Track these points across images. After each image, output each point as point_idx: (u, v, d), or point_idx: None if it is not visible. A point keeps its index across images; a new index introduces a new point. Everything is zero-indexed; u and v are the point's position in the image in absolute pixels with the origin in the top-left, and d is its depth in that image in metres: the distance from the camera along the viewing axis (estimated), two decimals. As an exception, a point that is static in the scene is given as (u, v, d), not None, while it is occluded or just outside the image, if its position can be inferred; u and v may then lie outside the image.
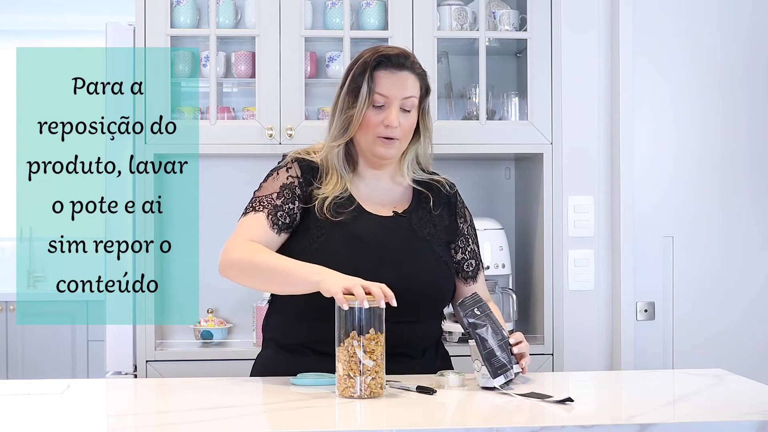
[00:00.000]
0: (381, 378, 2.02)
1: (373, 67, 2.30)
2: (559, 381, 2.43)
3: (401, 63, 2.32)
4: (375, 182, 2.39)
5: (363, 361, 1.99)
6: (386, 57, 2.31)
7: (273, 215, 2.28)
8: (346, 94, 2.33)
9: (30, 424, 1.89)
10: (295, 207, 2.30)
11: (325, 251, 2.25)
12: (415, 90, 2.32)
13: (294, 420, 1.91)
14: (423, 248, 2.33)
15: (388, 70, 2.30)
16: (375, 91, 2.29)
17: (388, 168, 2.39)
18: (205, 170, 3.48)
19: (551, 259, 3.30)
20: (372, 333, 2.00)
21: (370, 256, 2.25)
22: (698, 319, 3.41)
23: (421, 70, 2.36)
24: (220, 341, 3.34)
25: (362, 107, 2.29)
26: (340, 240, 2.27)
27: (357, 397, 2.00)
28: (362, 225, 2.30)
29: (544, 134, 3.29)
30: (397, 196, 2.40)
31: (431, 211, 2.38)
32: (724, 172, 3.43)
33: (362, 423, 1.87)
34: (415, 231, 2.34)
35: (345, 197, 2.32)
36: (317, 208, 2.30)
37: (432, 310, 2.37)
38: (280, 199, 2.30)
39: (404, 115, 2.31)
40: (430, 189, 2.41)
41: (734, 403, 2.05)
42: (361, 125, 2.31)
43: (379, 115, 2.30)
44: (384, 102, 2.29)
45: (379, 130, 2.30)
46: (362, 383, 1.99)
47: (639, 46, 3.36)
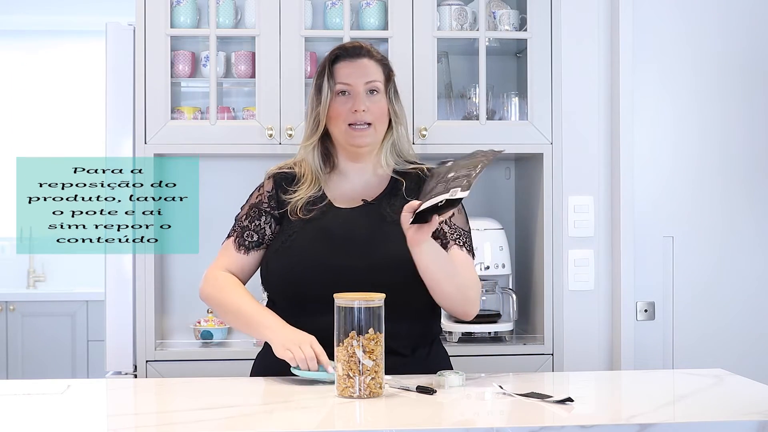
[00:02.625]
0: (380, 378, 2.02)
1: (331, 62, 2.39)
2: (559, 381, 2.43)
3: (357, 52, 2.40)
4: (358, 177, 2.42)
5: (362, 361, 1.99)
6: (343, 49, 2.41)
7: (240, 237, 2.41)
8: (312, 95, 2.41)
9: (30, 424, 1.89)
10: (262, 222, 2.40)
11: (295, 248, 2.32)
12: (377, 74, 2.39)
13: (294, 420, 1.91)
14: (392, 231, 2.28)
15: (346, 60, 2.39)
16: (337, 81, 2.37)
17: (370, 160, 2.41)
18: (205, 170, 3.49)
19: (551, 259, 3.30)
20: (371, 333, 2.00)
21: (339, 247, 2.30)
22: (698, 319, 3.41)
23: (380, 57, 2.43)
24: (220, 341, 3.34)
25: (326, 101, 2.36)
26: (309, 236, 2.33)
27: (356, 397, 2.00)
28: (330, 218, 2.35)
29: (544, 134, 3.29)
30: (372, 187, 2.42)
31: (405, 196, 2.38)
32: (724, 172, 3.43)
33: (362, 423, 1.87)
34: (383, 216, 2.35)
35: (317, 196, 2.39)
36: (290, 211, 2.37)
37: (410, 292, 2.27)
38: (247, 219, 2.42)
39: (370, 98, 2.36)
40: (408, 176, 2.42)
41: (734, 403, 2.05)
42: (330, 118, 2.37)
43: (345, 104, 2.36)
44: (347, 89, 2.36)
45: (349, 117, 2.35)
46: (361, 383, 1.99)
47: (639, 46, 3.36)
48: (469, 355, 3.17)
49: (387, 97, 2.40)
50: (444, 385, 2.13)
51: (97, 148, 5.47)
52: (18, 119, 6.09)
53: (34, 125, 6.09)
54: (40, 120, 6.10)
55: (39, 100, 6.10)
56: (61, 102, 6.10)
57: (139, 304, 3.22)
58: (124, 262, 3.24)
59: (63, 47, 6.11)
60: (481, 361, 3.17)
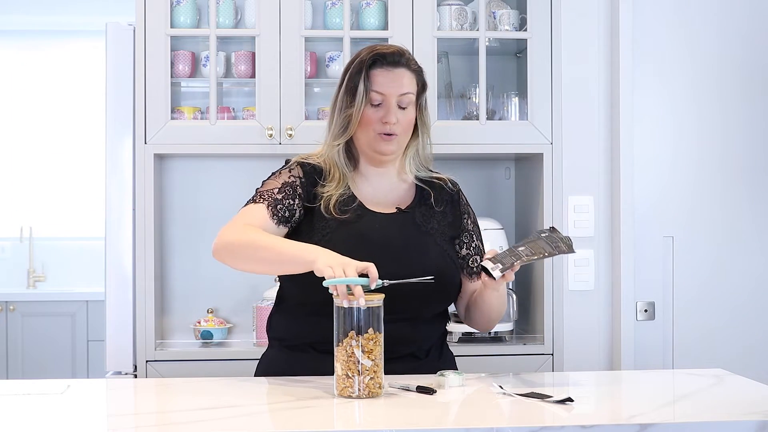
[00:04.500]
0: (379, 378, 2.02)
1: (369, 66, 2.34)
2: (559, 381, 2.43)
3: (396, 60, 2.35)
4: (378, 180, 2.41)
5: (361, 361, 1.99)
6: (381, 55, 2.35)
7: (273, 207, 2.31)
8: (344, 94, 2.36)
9: (30, 424, 1.89)
10: (295, 204, 2.33)
11: (331, 249, 2.25)
12: (411, 86, 2.36)
13: (294, 420, 1.91)
14: (428, 242, 2.34)
15: (384, 68, 2.34)
16: (372, 89, 2.33)
17: (392, 166, 2.41)
18: (205, 170, 3.49)
19: (551, 259, 3.30)
20: (371, 333, 2.00)
21: (376, 254, 2.24)
22: (698, 319, 3.41)
23: (416, 67, 2.39)
24: (220, 341, 3.34)
25: (360, 106, 2.33)
26: (345, 239, 2.28)
27: (355, 397, 2.00)
28: (366, 223, 2.32)
29: (544, 134, 3.29)
30: (400, 194, 2.42)
31: (433, 207, 2.40)
32: (724, 172, 3.43)
33: (362, 423, 1.87)
34: (418, 226, 2.36)
35: (348, 196, 2.35)
36: (323, 207, 2.33)
37: (439, 304, 2.36)
38: (281, 194, 2.33)
39: (402, 111, 2.34)
40: (432, 187, 2.44)
41: (734, 403, 2.05)
42: (360, 123, 2.34)
43: (377, 112, 2.33)
44: (381, 99, 2.33)
45: (378, 127, 2.33)
46: (360, 383, 1.99)
47: (639, 46, 3.36)
48: (469, 355, 3.17)
49: (417, 107, 2.38)
50: (444, 385, 2.13)
51: (97, 148, 5.50)
52: (18, 119, 6.09)
53: (34, 125, 6.10)
54: (40, 120, 6.10)
55: (39, 100, 6.10)
56: (61, 102, 6.10)
57: (139, 304, 3.22)
58: (124, 262, 3.24)
59: (63, 47, 6.11)
60: (481, 361, 3.17)
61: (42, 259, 5.98)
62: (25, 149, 6.08)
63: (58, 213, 6.05)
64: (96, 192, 5.39)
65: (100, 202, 3.41)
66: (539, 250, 2.18)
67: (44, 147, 6.09)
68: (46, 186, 6.08)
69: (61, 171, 6.08)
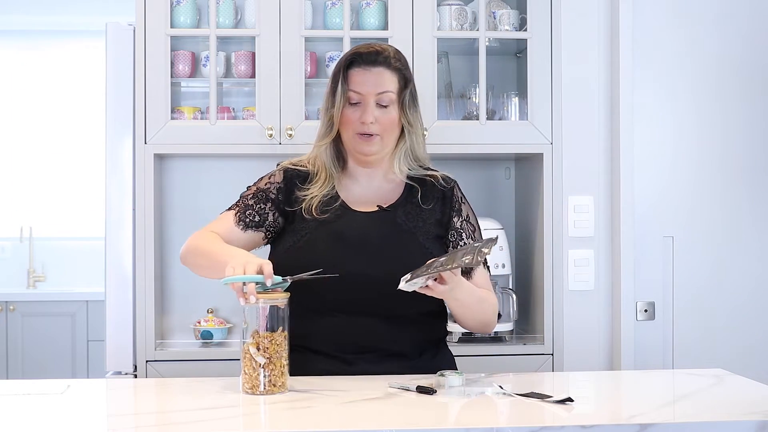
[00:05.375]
0: (280, 375, 2.05)
1: (347, 66, 2.35)
2: (559, 381, 2.43)
3: (373, 60, 2.35)
4: (368, 181, 2.42)
5: (255, 358, 2.04)
6: (358, 55, 2.36)
7: (242, 212, 2.38)
8: (328, 95, 2.39)
9: (30, 424, 1.89)
10: (267, 208, 2.38)
11: (308, 249, 2.30)
12: (391, 85, 2.35)
13: (294, 420, 1.91)
14: (407, 240, 2.33)
15: (361, 67, 2.35)
16: (349, 89, 2.34)
17: (380, 166, 2.41)
18: (205, 170, 3.49)
19: (551, 259, 3.30)
20: (266, 332, 2.05)
21: (353, 252, 2.28)
22: (698, 319, 3.41)
23: (397, 64, 2.37)
24: (220, 341, 3.34)
25: (339, 106, 2.34)
26: (323, 238, 2.31)
27: (259, 393, 2.04)
28: (345, 222, 2.33)
29: (544, 134, 3.30)
30: (386, 193, 2.41)
31: (420, 204, 2.38)
32: (724, 172, 3.43)
33: (362, 423, 1.87)
34: (399, 224, 2.35)
35: (331, 196, 2.37)
36: (305, 209, 2.35)
37: (416, 302, 2.27)
38: (253, 199, 2.39)
39: (381, 110, 2.34)
40: (423, 183, 2.42)
41: (734, 403, 2.05)
42: (341, 124, 2.36)
43: (355, 112, 2.34)
44: (359, 99, 2.34)
45: (357, 127, 2.34)
46: (262, 378, 2.04)
47: (639, 46, 3.36)
48: (469, 355, 3.17)
49: (400, 106, 2.36)
50: (444, 385, 2.13)
51: (97, 148, 5.50)
52: (18, 119, 6.09)
53: (34, 125, 6.10)
54: (40, 120, 6.10)
55: (39, 100, 6.10)
56: (61, 102, 6.10)
57: (139, 304, 3.22)
58: (124, 262, 3.24)
59: (63, 47, 6.11)
60: (481, 361, 3.17)
61: (42, 259, 5.98)
62: (25, 149, 6.09)
63: (58, 213, 6.05)
64: (96, 192, 5.39)
65: (100, 202, 3.41)
66: (452, 259, 2.10)
67: (44, 147, 6.09)
68: (46, 186, 6.08)
69: (61, 171, 6.08)
